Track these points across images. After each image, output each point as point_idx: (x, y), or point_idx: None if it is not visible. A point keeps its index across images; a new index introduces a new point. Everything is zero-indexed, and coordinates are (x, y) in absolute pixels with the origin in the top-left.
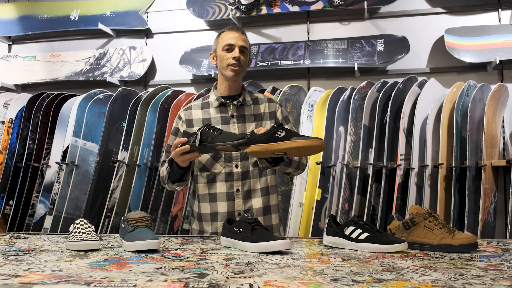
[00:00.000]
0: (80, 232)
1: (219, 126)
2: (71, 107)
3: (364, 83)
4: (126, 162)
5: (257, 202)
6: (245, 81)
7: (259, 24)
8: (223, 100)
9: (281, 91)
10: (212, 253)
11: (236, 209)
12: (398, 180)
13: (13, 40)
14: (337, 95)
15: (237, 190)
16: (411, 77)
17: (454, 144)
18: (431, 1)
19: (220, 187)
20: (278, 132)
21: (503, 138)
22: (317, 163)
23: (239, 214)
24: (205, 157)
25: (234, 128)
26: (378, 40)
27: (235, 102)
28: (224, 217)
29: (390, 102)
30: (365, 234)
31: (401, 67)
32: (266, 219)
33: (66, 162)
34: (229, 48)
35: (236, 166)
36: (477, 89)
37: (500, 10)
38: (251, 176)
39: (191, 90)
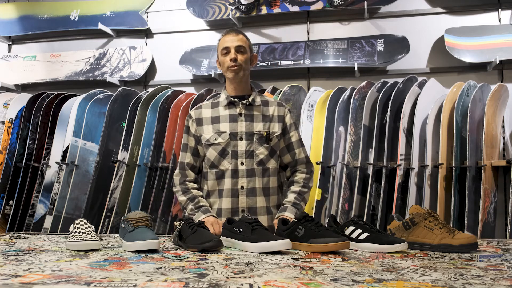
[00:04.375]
0: (80, 232)
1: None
2: (71, 107)
3: (364, 83)
4: (126, 162)
5: (260, 201)
6: None
7: (259, 24)
8: (232, 99)
9: (281, 91)
10: (212, 253)
11: (240, 205)
12: (398, 180)
13: (13, 40)
14: (337, 95)
15: (242, 187)
16: (411, 77)
17: (454, 144)
18: (431, 1)
19: (227, 183)
20: (298, 230)
21: (503, 138)
22: (317, 163)
23: (242, 211)
24: (213, 154)
25: (241, 126)
26: (378, 40)
27: (244, 101)
28: (228, 214)
29: (390, 102)
30: (365, 234)
31: (401, 67)
32: (269, 219)
33: (66, 162)
34: (226, 51)
35: (242, 164)
36: (477, 89)
37: (500, 10)
38: (256, 174)
39: (191, 90)
